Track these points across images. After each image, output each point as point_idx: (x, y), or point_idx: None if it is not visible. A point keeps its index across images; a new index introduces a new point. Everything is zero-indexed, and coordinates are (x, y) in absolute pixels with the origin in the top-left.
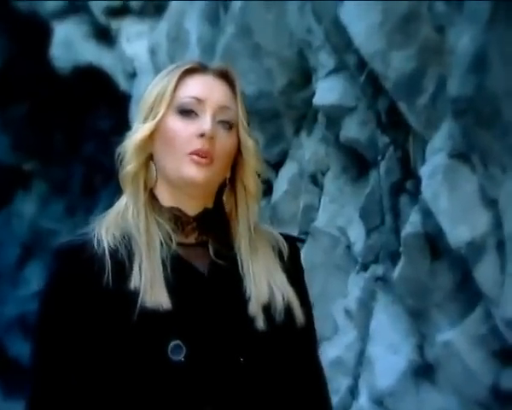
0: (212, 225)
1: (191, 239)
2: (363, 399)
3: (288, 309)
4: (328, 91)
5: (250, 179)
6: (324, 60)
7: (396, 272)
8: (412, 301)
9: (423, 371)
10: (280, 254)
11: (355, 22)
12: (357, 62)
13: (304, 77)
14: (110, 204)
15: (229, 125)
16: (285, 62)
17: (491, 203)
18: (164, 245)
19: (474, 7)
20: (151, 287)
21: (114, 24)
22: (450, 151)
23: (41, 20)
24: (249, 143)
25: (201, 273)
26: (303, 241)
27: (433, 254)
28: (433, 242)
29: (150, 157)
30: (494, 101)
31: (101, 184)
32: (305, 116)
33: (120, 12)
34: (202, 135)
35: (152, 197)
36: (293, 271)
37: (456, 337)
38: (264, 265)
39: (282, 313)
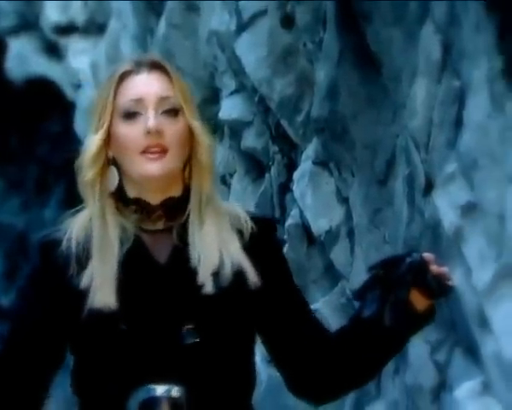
0: (178, 210)
1: (159, 226)
2: (257, 359)
3: (239, 273)
4: (230, 108)
5: (203, 154)
6: (227, 82)
7: None
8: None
9: None
10: (239, 232)
11: (247, 54)
12: (252, 85)
13: (214, 95)
14: (61, 199)
15: (175, 112)
16: (199, 82)
17: (343, 201)
18: (124, 241)
19: (328, 47)
20: (100, 288)
21: (62, 40)
22: (314, 159)
23: None
24: (195, 123)
25: (157, 262)
26: (277, 221)
27: (309, 241)
28: (308, 231)
29: (108, 162)
30: (343, 122)
31: (53, 181)
32: (217, 127)
33: (67, 30)
34: (148, 132)
35: (119, 193)
36: (258, 248)
37: (322, 306)
38: (216, 233)
39: (230, 277)
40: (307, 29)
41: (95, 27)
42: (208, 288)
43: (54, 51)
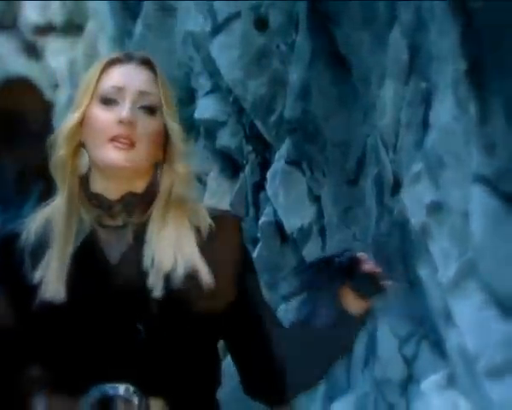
0: (138, 207)
1: (118, 222)
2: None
3: (192, 275)
4: (205, 108)
5: (176, 160)
6: (203, 82)
7: (255, 253)
8: (267, 276)
9: None
10: (198, 230)
11: (221, 55)
12: (226, 86)
13: (190, 95)
14: (39, 199)
15: (152, 110)
16: (175, 82)
17: (315, 199)
18: (80, 233)
19: (300, 49)
20: (52, 278)
21: (40, 40)
22: (286, 159)
23: None
24: (174, 126)
25: (107, 262)
26: (241, 219)
27: (282, 239)
28: (281, 229)
29: (81, 145)
30: (315, 122)
31: (31, 181)
32: (193, 127)
33: (46, 30)
34: (121, 121)
35: (84, 183)
36: (215, 246)
37: (292, 302)
38: (175, 236)
39: (182, 279)
40: (280, 31)
41: (73, 28)
42: (158, 290)
43: (32, 51)
